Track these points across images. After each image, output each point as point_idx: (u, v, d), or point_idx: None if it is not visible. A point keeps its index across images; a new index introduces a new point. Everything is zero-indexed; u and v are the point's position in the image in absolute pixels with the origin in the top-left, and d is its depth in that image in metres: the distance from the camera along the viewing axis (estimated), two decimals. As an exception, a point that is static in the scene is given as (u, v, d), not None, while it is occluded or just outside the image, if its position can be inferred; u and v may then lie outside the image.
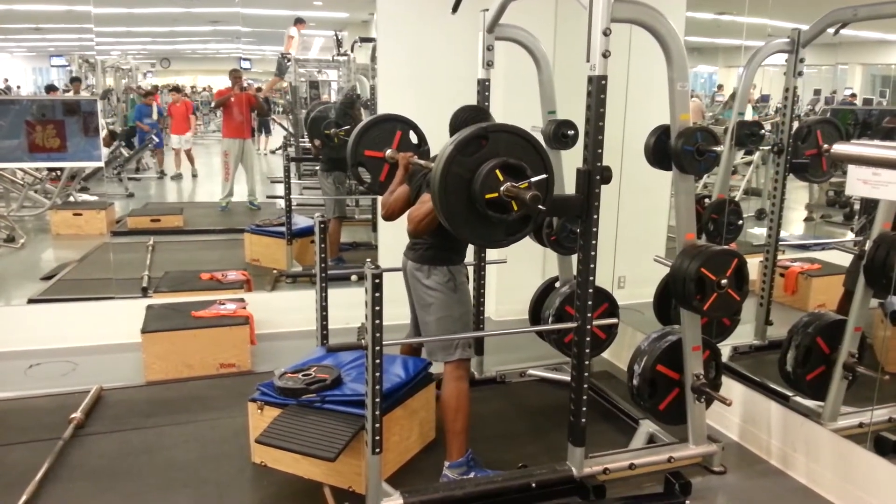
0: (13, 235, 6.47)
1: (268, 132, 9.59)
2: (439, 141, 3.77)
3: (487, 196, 2.39)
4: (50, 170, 6.87)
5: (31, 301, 4.96)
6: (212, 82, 10.17)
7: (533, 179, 2.42)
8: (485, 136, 2.43)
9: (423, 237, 2.96)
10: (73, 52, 7.86)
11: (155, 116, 8.97)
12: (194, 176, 9.32)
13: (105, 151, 5.61)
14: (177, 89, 9.13)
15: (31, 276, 5.68)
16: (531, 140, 2.53)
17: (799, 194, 5.58)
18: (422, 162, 3.22)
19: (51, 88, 7.74)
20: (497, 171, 2.39)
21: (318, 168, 6.31)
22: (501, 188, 2.39)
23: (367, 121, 3.66)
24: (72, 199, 7.24)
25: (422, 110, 4.84)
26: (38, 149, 4.67)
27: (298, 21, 7.60)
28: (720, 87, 7.50)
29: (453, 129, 3.05)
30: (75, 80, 7.96)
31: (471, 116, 3.03)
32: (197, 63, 10.69)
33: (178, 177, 9.26)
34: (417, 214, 2.86)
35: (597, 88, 2.60)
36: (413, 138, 3.69)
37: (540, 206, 2.40)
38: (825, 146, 3.92)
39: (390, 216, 3.25)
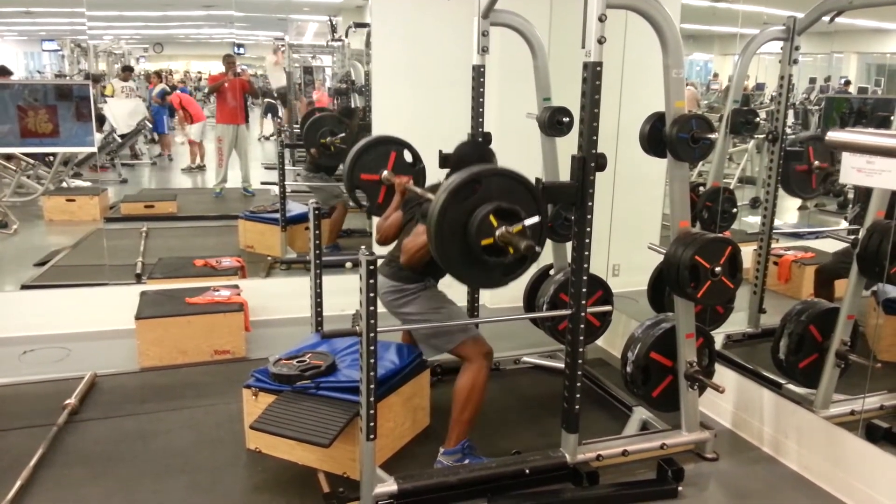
0: (6, 221, 6.43)
1: (275, 115, 9.43)
2: (433, 132, 3.79)
3: (483, 242, 2.42)
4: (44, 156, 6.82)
5: (24, 287, 4.95)
6: (205, 67, 10.10)
7: (527, 223, 2.45)
8: (478, 180, 2.45)
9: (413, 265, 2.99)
10: (65, 37, 7.79)
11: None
12: (199, 167, 9.17)
13: (98, 137, 5.58)
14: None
15: (25, 262, 5.65)
16: (524, 181, 2.55)
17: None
18: (417, 190, 3.26)
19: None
20: (491, 217, 2.41)
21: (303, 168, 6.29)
22: (496, 234, 2.41)
23: (361, 145, 3.68)
24: (65, 184, 7.20)
25: (416, 96, 4.86)
26: (30, 134, 4.64)
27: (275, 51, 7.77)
28: (716, 75, 7.50)
29: (454, 164, 3.10)
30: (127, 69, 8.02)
31: (471, 153, 3.10)
32: (190, 48, 10.61)
33: (199, 169, 8.98)
34: (412, 247, 2.88)
35: (592, 75, 2.59)
36: (408, 157, 3.72)
37: (536, 250, 2.42)
38: (816, 163, 3.96)
39: (384, 241, 3.32)
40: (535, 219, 2.48)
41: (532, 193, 2.55)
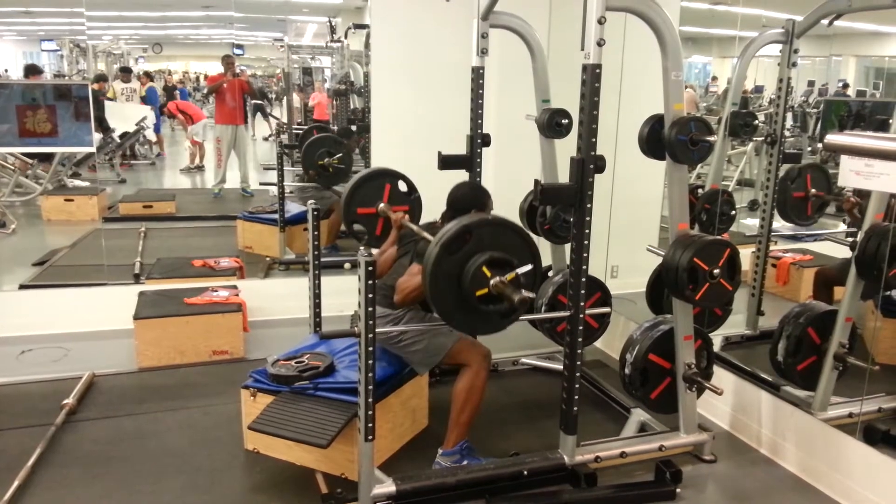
0: (4, 221, 6.43)
1: (265, 116, 9.43)
2: (432, 133, 3.80)
3: (478, 293, 2.44)
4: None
5: (22, 287, 4.94)
6: (204, 68, 10.09)
7: (520, 271, 2.46)
8: (468, 231, 2.46)
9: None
10: (64, 37, 7.78)
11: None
12: (197, 168, 9.15)
13: (97, 137, 5.58)
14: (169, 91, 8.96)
15: (23, 261, 5.64)
16: (515, 228, 2.57)
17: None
18: (413, 227, 3.27)
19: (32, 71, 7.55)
20: (484, 268, 2.42)
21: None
22: (490, 284, 2.43)
23: (356, 180, 3.74)
24: (65, 184, 7.19)
25: (415, 97, 4.86)
26: (28, 133, 4.64)
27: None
28: (714, 77, 7.50)
29: (450, 205, 3.13)
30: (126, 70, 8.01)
31: (468, 196, 3.13)
32: (189, 48, 10.61)
33: (198, 169, 8.93)
34: (407, 287, 2.88)
35: (591, 77, 2.60)
36: (403, 187, 3.76)
37: (530, 297, 2.43)
38: (813, 191, 3.99)
39: (378, 276, 3.28)
40: (528, 267, 2.49)
41: (524, 240, 2.57)
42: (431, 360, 3.09)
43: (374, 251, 3.42)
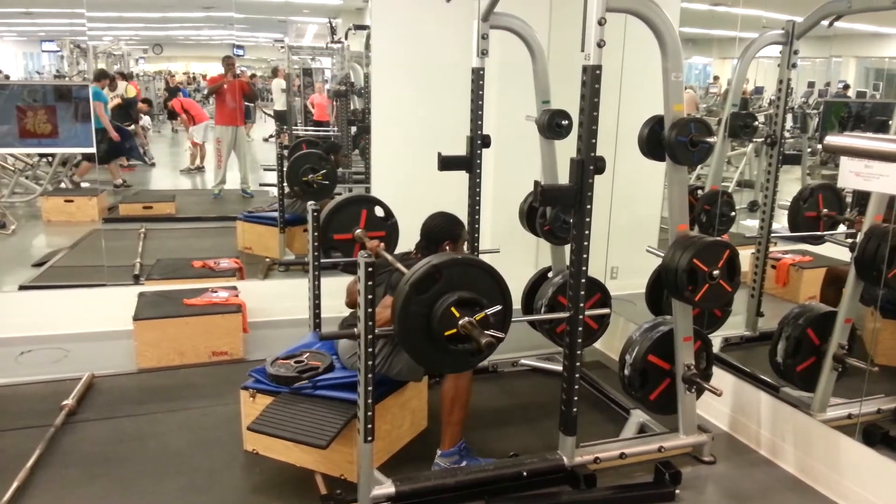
0: (4, 222, 6.43)
1: (248, 118, 9.39)
2: (432, 134, 3.79)
3: (446, 333, 2.44)
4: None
5: (22, 288, 4.94)
6: (205, 69, 10.08)
7: (489, 311, 2.46)
8: (438, 272, 2.46)
9: None
10: (65, 38, 7.78)
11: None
12: (198, 168, 9.09)
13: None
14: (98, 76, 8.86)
15: (23, 262, 5.65)
16: (485, 268, 2.56)
17: (792, 186, 5.58)
18: (388, 257, 3.28)
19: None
20: (453, 309, 2.42)
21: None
22: (459, 324, 2.43)
23: (332, 207, 3.73)
24: (63, 185, 7.20)
25: (416, 98, 4.87)
26: (29, 134, 4.64)
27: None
28: (716, 78, 7.51)
29: (424, 235, 3.17)
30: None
31: (440, 225, 3.15)
32: (190, 49, 10.61)
33: (198, 170, 8.87)
34: (382, 318, 2.81)
35: (591, 78, 2.60)
36: (379, 212, 3.77)
37: (497, 338, 2.43)
38: (825, 211, 4.01)
39: (352, 305, 3.32)
40: (497, 308, 2.49)
41: (495, 279, 2.55)
42: (415, 374, 3.08)
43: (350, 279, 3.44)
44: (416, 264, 2.52)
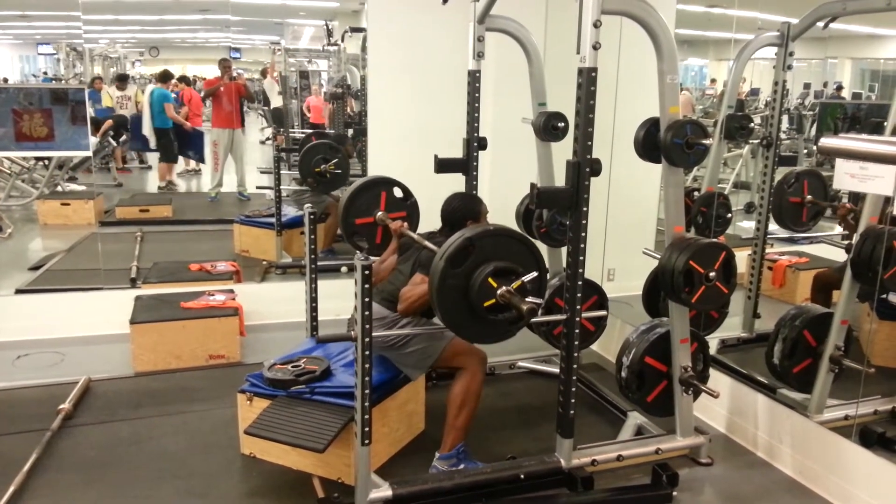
0: (0, 225, 6.41)
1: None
2: (428, 136, 3.80)
3: (486, 304, 2.46)
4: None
5: (18, 291, 4.93)
6: (201, 72, 10.07)
7: (525, 279, 2.48)
8: (471, 244, 2.48)
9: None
10: (61, 41, 7.78)
11: (104, 104, 8.67)
12: (194, 171, 9.05)
13: (93, 140, 5.57)
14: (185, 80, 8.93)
15: (19, 265, 5.64)
16: (517, 237, 2.59)
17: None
18: (414, 236, 3.29)
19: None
20: (490, 279, 2.44)
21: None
22: (497, 294, 2.45)
23: (351, 192, 3.72)
24: (59, 188, 7.19)
25: (412, 100, 4.87)
26: (25, 138, 4.63)
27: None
28: (713, 80, 7.52)
29: (445, 220, 3.17)
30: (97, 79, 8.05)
31: (462, 207, 3.15)
32: (186, 52, 10.61)
33: (194, 172, 8.90)
34: (410, 296, 2.89)
35: (587, 81, 2.60)
36: (398, 193, 3.75)
37: (537, 304, 2.44)
38: (809, 197, 3.99)
39: (378, 283, 3.32)
40: (533, 274, 2.51)
41: (527, 246, 2.58)
42: (425, 362, 3.08)
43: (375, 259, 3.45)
44: (448, 239, 2.53)
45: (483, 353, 3.09)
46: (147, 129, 8.04)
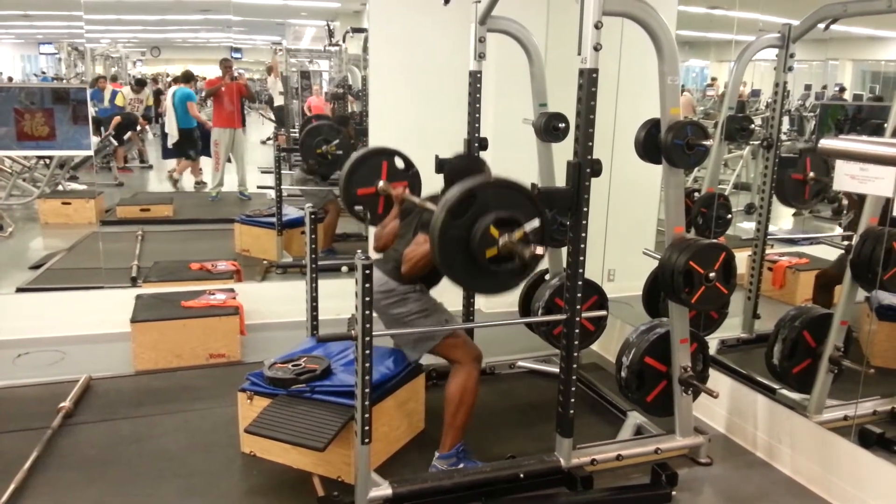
0: (1, 224, 6.42)
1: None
2: (429, 137, 3.80)
3: (488, 254, 2.44)
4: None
5: (19, 290, 4.94)
6: (202, 72, 10.09)
7: (527, 228, 2.47)
8: (472, 195, 2.46)
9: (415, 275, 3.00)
10: (63, 40, 7.79)
11: (107, 103, 8.62)
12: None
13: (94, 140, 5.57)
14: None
15: (20, 264, 5.65)
16: (518, 188, 2.56)
17: (788, 189, 5.62)
18: (415, 199, 3.27)
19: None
20: (491, 228, 2.43)
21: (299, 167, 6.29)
22: (499, 243, 2.44)
23: (352, 162, 3.68)
24: (60, 187, 7.19)
25: (413, 101, 4.87)
26: (26, 137, 4.64)
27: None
28: (714, 79, 7.53)
29: (448, 178, 3.13)
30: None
31: (465, 166, 3.13)
32: (187, 52, 10.63)
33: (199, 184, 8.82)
34: (413, 256, 2.89)
35: (588, 82, 2.61)
36: (400, 164, 3.73)
37: (540, 254, 2.44)
38: (811, 174, 3.98)
39: (382, 249, 3.34)
40: (535, 223, 2.49)
41: (528, 198, 2.56)
42: (425, 345, 3.07)
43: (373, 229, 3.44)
44: (449, 191, 2.51)
45: (478, 351, 3.09)
46: (172, 129, 8.04)
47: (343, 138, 5.52)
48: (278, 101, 8.39)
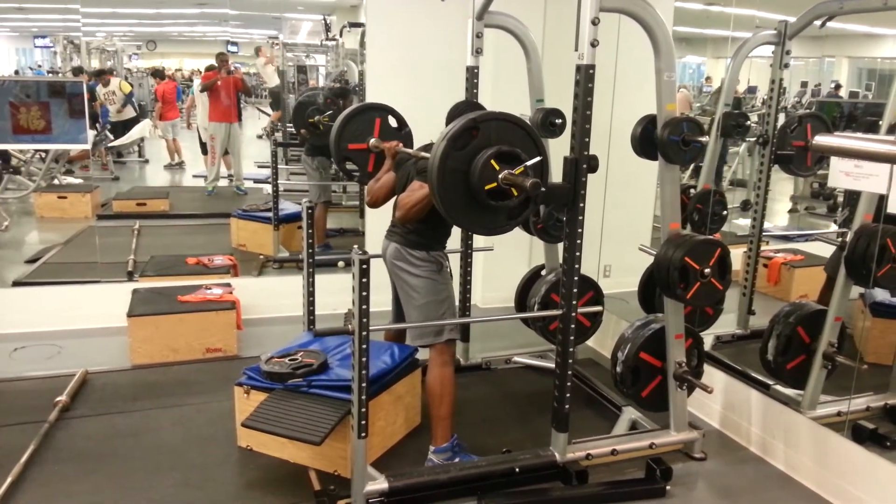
0: (-4, 218, 6.42)
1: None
2: (428, 126, 3.79)
3: (487, 187, 2.43)
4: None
5: (15, 284, 4.94)
6: (198, 65, 10.06)
7: (528, 164, 2.45)
8: (475, 126, 2.45)
9: (411, 223, 2.98)
10: (58, 33, 7.77)
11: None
12: (178, 164, 9.06)
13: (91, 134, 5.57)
14: (158, 73, 8.88)
15: (16, 258, 5.65)
16: (521, 124, 2.55)
17: (783, 186, 5.63)
18: (409, 151, 3.25)
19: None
20: (492, 161, 2.42)
21: (302, 152, 6.25)
22: (499, 177, 2.42)
23: (345, 115, 3.61)
24: (56, 181, 7.18)
25: (410, 96, 4.84)
26: (22, 130, 4.63)
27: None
28: (708, 78, 7.54)
29: (449, 119, 3.10)
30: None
31: (465, 109, 3.08)
32: (183, 46, 10.59)
33: (178, 166, 8.88)
34: (409, 201, 2.89)
35: (585, 77, 2.61)
36: (393, 123, 3.68)
37: (541, 189, 2.44)
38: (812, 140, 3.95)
39: (375, 203, 3.31)
40: (537, 159, 2.48)
41: (530, 136, 2.55)
42: (427, 338, 3.06)
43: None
44: (452, 123, 2.49)
45: (454, 349, 3.14)
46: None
47: (337, 110, 5.47)
48: (273, 81, 8.31)
